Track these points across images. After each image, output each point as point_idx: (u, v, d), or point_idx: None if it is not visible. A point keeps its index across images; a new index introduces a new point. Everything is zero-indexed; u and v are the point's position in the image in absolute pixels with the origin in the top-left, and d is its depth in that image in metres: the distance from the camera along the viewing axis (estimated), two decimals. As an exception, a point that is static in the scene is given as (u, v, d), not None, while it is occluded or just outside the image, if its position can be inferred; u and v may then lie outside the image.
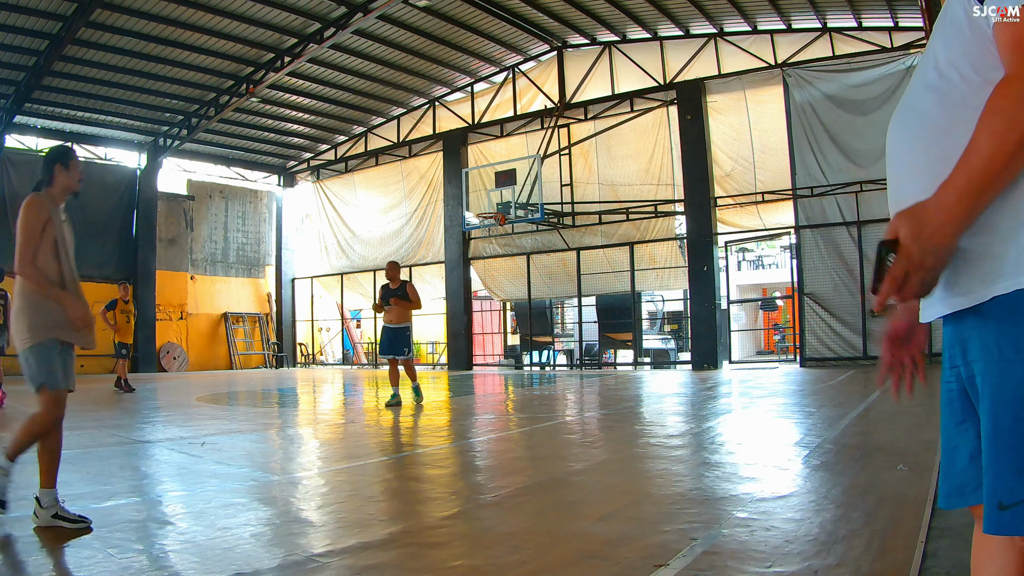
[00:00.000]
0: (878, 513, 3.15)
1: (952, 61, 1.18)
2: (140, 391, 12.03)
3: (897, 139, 1.28)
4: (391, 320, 9.08)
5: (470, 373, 17.69)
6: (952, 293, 1.17)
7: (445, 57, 17.47)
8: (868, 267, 13.82)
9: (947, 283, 1.17)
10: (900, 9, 13.16)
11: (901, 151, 1.27)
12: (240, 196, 22.96)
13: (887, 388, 6.75)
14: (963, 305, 1.15)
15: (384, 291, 9.14)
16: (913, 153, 1.23)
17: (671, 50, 16.14)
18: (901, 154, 1.27)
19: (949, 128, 1.16)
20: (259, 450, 5.86)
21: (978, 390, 1.15)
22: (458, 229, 18.75)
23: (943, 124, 1.18)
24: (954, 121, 1.16)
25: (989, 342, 1.12)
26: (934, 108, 1.20)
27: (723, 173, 15.60)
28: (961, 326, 1.18)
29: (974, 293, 1.13)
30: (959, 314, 1.18)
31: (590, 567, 2.59)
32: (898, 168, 1.28)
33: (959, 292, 1.15)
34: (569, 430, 6.86)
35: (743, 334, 22.36)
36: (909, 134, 1.25)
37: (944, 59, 1.19)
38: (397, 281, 9.12)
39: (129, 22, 14.08)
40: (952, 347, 1.22)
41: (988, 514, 1.12)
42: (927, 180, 1.17)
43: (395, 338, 9.08)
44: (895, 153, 1.29)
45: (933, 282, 1.13)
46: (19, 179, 18.02)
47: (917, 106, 1.24)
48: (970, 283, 1.14)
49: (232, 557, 2.77)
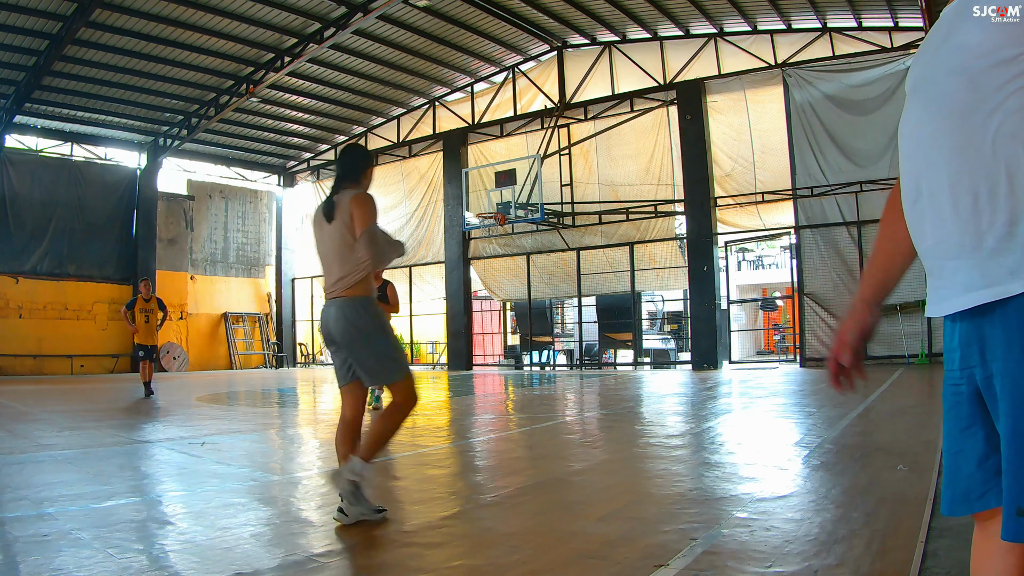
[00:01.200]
0: (878, 513, 3.15)
1: (986, 47, 1.12)
2: (140, 391, 11.78)
3: (916, 122, 1.22)
4: None
5: (470, 373, 17.69)
6: (977, 285, 1.11)
7: (445, 57, 17.47)
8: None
9: (970, 274, 1.12)
10: (900, 9, 13.16)
11: (921, 136, 1.21)
12: (240, 196, 22.96)
13: (888, 387, 6.69)
14: (989, 298, 1.10)
15: None
16: (936, 136, 1.17)
17: (671, 50, 16.14)
18: (920, 139, 1.21)
19: (975, 110, 1.12)
20: (259, 450, 5.86)
21: (996, 391, 1.10)
22: (458, 229, 18.75)
23: (970, 106, 1.12)
24: (982, 104, 1.11)
25: (1013, 340, 1.07)
26: (964, 92, 1.14)
27: (723, 173, 15.60)
28: (981, 322, 1.13)
29: (1001, 286, 1.08)
30: (980, 309, 1.12)
31: (590, 567, 2.59)
32: (917, 152, 1.21)
33: (985, 284, 1.10)
34: (569, 430, 6.86)
35: (743, 334, 22.36)
36: (936, 115, 1.18)
37: (976, 43, 1.13)
38: (379, 280, 8.31)
39: (129, 22, 14.08)
40: (967, 346, 1.16)
41: (1006, 520, 1.08)
42: (956, 164, 1.13)
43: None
44: (912, 140, 1.23)
45: None
46: (19, 179, 18.04)
47: (940, 88, 1.18)
48: (998, 274, 1.09)
49: (232, 557, 2.77)
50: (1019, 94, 1.08)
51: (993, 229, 1.08)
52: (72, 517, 3.37)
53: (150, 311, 10.89)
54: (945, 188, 1.14)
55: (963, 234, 1.12)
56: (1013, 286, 1.06)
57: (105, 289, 19.53)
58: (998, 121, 1.09)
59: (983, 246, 1.09)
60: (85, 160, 19.47)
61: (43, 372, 18.21)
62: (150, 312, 10.88)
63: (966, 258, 1.12)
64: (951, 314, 1.18)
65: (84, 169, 19.28)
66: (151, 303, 10.97)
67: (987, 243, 1.09)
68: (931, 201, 1.17)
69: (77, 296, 18.97)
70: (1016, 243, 1.06)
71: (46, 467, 4.81)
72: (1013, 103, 1.08)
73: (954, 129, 1.14)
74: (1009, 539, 1.08)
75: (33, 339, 18.08)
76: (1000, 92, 1.09)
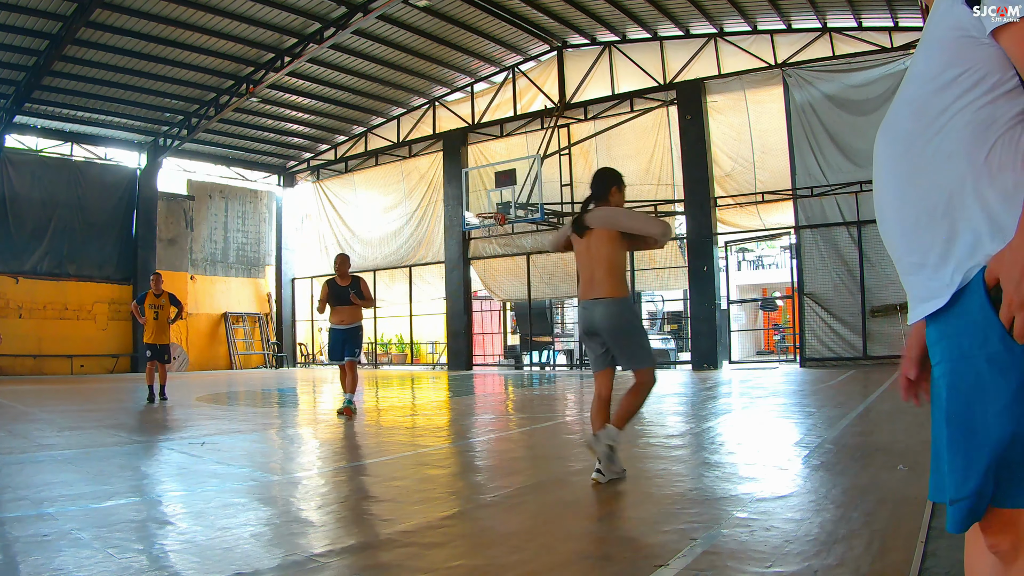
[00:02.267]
0: (878, 513, 3.15)
1: (930, 74, 1.21)
2: (139, 391, 11.61)
3: (878, 152, 1.34)
4: (344, 320, 8.04)
5: (470, 373, 17.69)
6: (925, 298, 1.24)
7: (445, 57, 17.47)
8: (868, 267, 13.84)
9: (921, 289, 1.24)
10: (900, 9, 13.16)
11: (879, 164, 1.32)
12: (240, 196, 22.97)
13: (887, 388, 6.67)
14: (932, 309, 1.21)
15: (333, 289, 8.05)
16: (889, 163, 1.29)
17: (671, 50, 16.14)
18: (879, 167, 1.32)
19: (919, 137, 1.22)
20: (259, 450, 5.86)
21: (938, 388, 1.23)
22: (458, 229, 18.75)
23: (915, 133, 1.23)
24: (927, 132, 1.21)
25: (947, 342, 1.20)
26: (908, 121, 1.25)
27: (723, 173, 15.60)
28: (933, 327, 1.24)
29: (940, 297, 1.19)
30: (932, 316, 1.23)
31: (590, 567, 2.59)
32: (879, 180, 1.33)
33: (931, 296, 1.22)
34: (569, 430, 6.86)
35: (743, 334, 22.36)
36: (888, 145, 1.30)
37: (922, 71, 1.24)
38: (347, 277, 8.09)
39: (129, 22, 14.08)
40: (932, 346, 1.27)
41: (948, 512, 1.18)
42: (904, 189, 1.24)
43: (350, 339, 8.08)
44: (875, 167, 1.34)
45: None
46: (19, 179, 18.04)
47: (895, 119, 1.29)
48: (939, 287, 1.20)
49: (232, 557, 2.77)
50: (960, 115, 1.16)
51: (935, 248, 1.19)
52: (72, 517, 3.37)
53: (159, 307, 10.15)
54: (898, 212, 1.27)
55: (911, 254, 1.24)
56: (946, 295, 1.18)
57: (105, 289, 19.53)
58: (938, 144, 1.19)
59: (928, 263, 1.21)
60: (85, 160, 19.47)
61: (43, 372, 18.21)
62: (159, 308, 10.13)
63: (916, 274, 1.24)
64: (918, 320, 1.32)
65: (84, 169, 19.28)
66: (161, 298, 10.23)
67: (930, 260, 1.20)
68: (890, 224, 1.30)
69: (77, 296, 18.97)
70: (951, 256, 1.17)
71: (46, 467, 4.81)
72: (954, 123, 1.17)
73: (901, 156, 1.26)
74: (952, 531, 1.17)
75: (33, 339, 18.08)
76: (943, 116, 1.18)
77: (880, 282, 13.64)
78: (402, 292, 20.87)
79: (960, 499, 1.14)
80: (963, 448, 1.14)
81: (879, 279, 13.65)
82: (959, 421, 1.15)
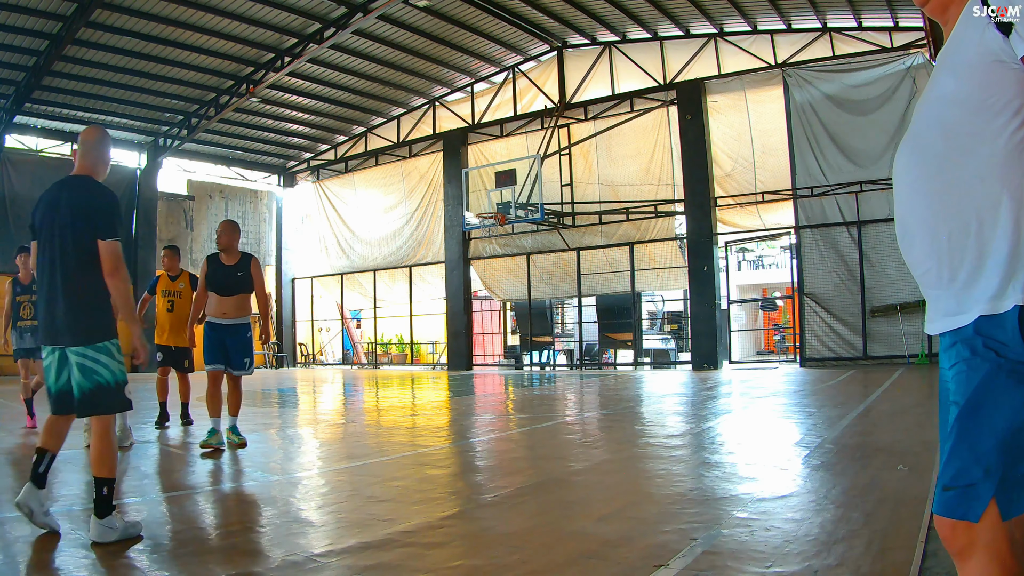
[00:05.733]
0: (878, 513, 3.15)
1: (961, 96, 1.25)
2: (140, 391, 10.67)
3: (903, 168, 1.36)
4: (226, 313, 5.69)
5: (470, 373, 17.69)
6: (953, 312, 1.29)
7: (445, 57, 17.47)
8: (868, 267, 13.84)
9: (948, 303, 1.29)
10: (900, 9, 13.15)
11: (907, 179, 1.35)
12: (240, 196, 22.97)
13: (887, 388, 6.69)
14: (963, 323, 1.27)
15: (215, 267, 5.73)
16: (918, 181, 1.32)
17: (671, 50, 16.14)
18: (906, 184, 1.36)
19: (949, 158, 1.26)
20: (259, 450, 5.86)
21: (950, 388, 1.29)
22: (458, 229, 18.75)
23: (945, 154, 1.27)
24: (959, 154, 1.25)
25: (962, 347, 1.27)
26: (939, 141, 1.28)
27: (723, 173, 15.60)
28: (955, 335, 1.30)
29: (970, 313, 1.25)
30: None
31: (590, 567, 2.59)
32: (904, 195, 1.36)
33: (960, 311, 1.27)
34: (569, 430, 6.86)
35: (743, 334, 22.36)
36: (916, 165, 1.33)
37: (952, 92, 1.27)
38: (235, 253, 5.78)
39: (129, 22, 14.07)
40: (946, 351, 1.34)
41: (936, 495, 1.26)
42: (935, 207, 1.28)
43: (232, 340, 5.72)
44: (900, 182, 1.38)
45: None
46: (19, 179, 18.01)
47: (924, 138, 1.32)
48: (969, 303, 1.26)
49: (231, 557, 2.77)
50: (993, 139, 1.21)
51: (964, 265, 1.24)
52: (72, 517, 3.37)
53: (176, 294, 7.12)
54: (926, 229, 1.30)
55: (941, 268, 1.28)
56: (977, 310, 1.23)
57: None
58: (970, 166, 1.23)
59: (957, 279, 1.26)
60: (85, 160, 19.44)
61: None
62: (176, 297, 7.11)
63: (944, 289, 1.28)
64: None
65: (84, 169, 19.24)
66: (178, 281, 7.21)
67: (960, 277, 1.25)
68: (915, 239, 1.33)
69: (77, 296, 18.93)
70: (984, 275, 1.22)
71: (46, 467, 4.80)
72: (987, 147, 1.21)
73: (932, 175, 1.29)
74: (937, 512, 1.25)
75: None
76: (974, 138, 1.23)
77: (880, 282, 13.65)
78: (402, 292, 20.87)
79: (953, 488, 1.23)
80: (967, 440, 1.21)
81: (879, 279, 13.66)
82: (968, 411, 1.22)
